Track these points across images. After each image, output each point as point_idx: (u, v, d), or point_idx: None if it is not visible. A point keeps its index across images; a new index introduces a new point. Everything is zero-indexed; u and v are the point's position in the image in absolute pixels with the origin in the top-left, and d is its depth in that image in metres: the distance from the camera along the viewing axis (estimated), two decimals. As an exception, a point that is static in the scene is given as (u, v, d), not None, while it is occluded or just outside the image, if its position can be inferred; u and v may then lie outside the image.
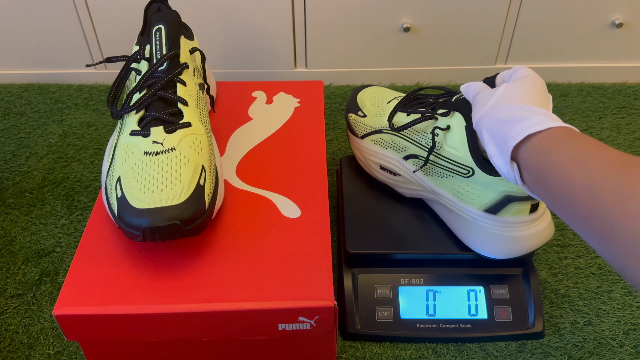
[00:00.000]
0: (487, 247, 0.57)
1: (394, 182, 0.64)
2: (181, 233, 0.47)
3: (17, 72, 0.97)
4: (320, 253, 0.51)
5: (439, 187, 0.58)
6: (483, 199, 0.55)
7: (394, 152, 0.62)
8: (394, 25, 0.90)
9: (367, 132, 0.64)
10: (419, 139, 0.58)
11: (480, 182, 0.54)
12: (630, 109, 0.90)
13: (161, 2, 0.63)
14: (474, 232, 0.57)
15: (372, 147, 0.64)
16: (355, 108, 0.67)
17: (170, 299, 0.48)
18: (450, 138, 0.55)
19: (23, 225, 0.72)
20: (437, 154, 0.57)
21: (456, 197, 0.57)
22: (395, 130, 0.61)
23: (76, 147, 0.84)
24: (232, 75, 0.96)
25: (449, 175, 0.57)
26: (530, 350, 0.58)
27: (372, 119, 0.65)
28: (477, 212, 0.56)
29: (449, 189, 0.58)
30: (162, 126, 0.52)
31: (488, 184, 0.54)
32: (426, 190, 0.61)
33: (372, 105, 0.66)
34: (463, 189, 0.56)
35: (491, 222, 0.56)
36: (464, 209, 0.57)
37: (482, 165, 0.53)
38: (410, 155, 0.60)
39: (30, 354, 0.59)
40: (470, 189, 0.56)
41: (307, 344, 0.53)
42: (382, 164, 0.64)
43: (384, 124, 0.63)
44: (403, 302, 0.59)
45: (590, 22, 0.90)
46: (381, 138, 0.63)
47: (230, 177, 0.59)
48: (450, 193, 0.58)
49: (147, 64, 0.56)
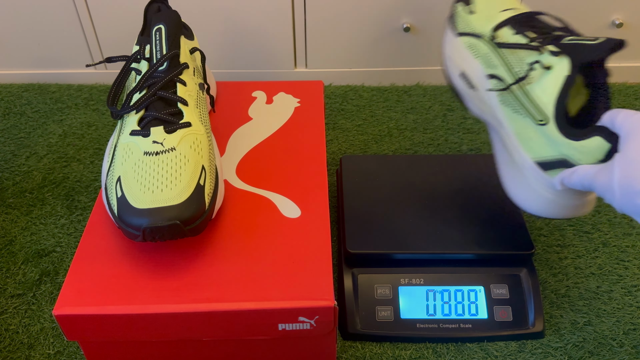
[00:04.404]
0: (521, 197, 0.55)
1: (467, 94, 0.59)
2: (181, 233, 0.47)
3: (17, 72, 0.97)
4: (320, 253, 0.51)
5: (507, 120, 0.54)
6: (542, 151, 0.51)
7: (482, 65, 0.56)
8: (394, 25, 0.90)
9: (466, 31, 0.59)
10: (514, 63, 0.54)
11: (547, 135, 0.51)
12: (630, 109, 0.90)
13: (161, 2, 0.63)
14: (516, 179, 0.55)
15: (463, 51, 0.59)
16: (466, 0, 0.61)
17: (170, 299, 0.48)
18: (545, 79, 0.50)
19: (23, 225, 0.72)
20: (522, 87, 0.52)
21: (517, 138, 0.54)
22: (495, 44, 0.55)
23: (76, 147, 0.84)
24: (232, 75, 0.96)
25: (522, 113, 0.53)
26: (530, 350, 0.58)
27: (478, 19, 0.59)
28: (529, 160, 0.53)
29: (515, 127, 0.54)
30: (162, 126, 0.52)
31: (554, 141, 0.50)
32: (493, 116, 0.57)
33: (486, 6, 0.60)
34: (528, 133, 0.52)
35: (536, 176, 0.53)
36: (518, 153, 0.54)
37: (560, 120, 0.49)
38: (495, 76, 0.55)
39: (30, 354, 0.59)
40: (534, 137, 0.52)
41: (307, 344, 0.53)
42: (464, 71, 0.59)
43: (487, 32, 0.57)
44: (403, 302, 0.59)
45: (590, 22, 0.90)
46: (477, 45, 0.57)
47: (230, 177, 0.59)
48: (514, 131, 0.54)
49: (147, 64, 0.56)
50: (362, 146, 0.84)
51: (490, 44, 0.56)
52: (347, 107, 0.91)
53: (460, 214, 0.63)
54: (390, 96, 0.94)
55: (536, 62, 0.51)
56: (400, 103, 0.92)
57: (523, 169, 0.54)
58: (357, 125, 0.88)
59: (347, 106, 0.92)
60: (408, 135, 0.86)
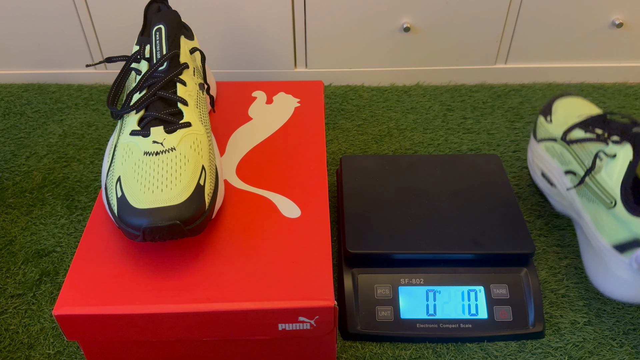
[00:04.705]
0: (603, 283, 0.57)
1: (549, 191, 0.66)
2: (181, 233, 0.47)
3: (17, 72, 0.97)
4: (320, 253, 0.51)
5: (585, 210, 0.59)
6: (616, 234, 0.55)
7: (558, 163, 0.64)
8: (394, 25, 0.90)
9: (544, 137, 0.67)
10: (583, 157, 0.60)
11: (618, 217, 0.55)
12: (630, 109, 0.90)
13: (161, 2, 0.63)
14: (597, 266, 0.58)
15: (542, 153, 0.67)
16: (547, 112, 0.70)
17: (170, 299, 0.48)
18: (611, 166, 0.56)
19: (23, 225, 0.72)
20: (592, 177, 0.58)
21: (595, 225, 0.58)
22: (566, 142, 0.62)
23: (76, 147, 0.84)
24: (232, 75, 0.96)
25: (595, 200, 0.57)
26: (530, 350, 0.58)
27: (554, 127, 0.66)
28: (607, 245, 0.56)
29: (591, 214, 0.58)
30: (162, 126, 0.52)
31: (625, 222, 0.54)
32: (574, 209, 0.62)
33: (562, 115, 0.67)
34: (602, 219, 0.56)
35: (614, 260, 0.55)
36: (597, 239, 0.57)
37: (627, 200, 0.54)
38: (570, 171, 0.61)
39: (30, 354, 0.59)
40: (608, 221, 0.56)
41: (307, 344, 0.53)
42: (544, 171, 0.66)
43: (560, 134, 0.64)
44: (403, 302, 0.59)
45: (590, 22, 0.90)
46: (553, 146, 0.65)
47: (230, 177, 0.59)
48: (591, 218, 0.58)
49: (147, 64, 0.56)
50: (362, 146, 0.84)
51: (563, 143, 0.63)
52: (347, 107, 0.92)
53: (460, 214, 0.63)
54: (390, 96, 0.94)
55: (602, 151, 0.57)
56: (400, 103, 0.92)
57: (602, 255, 0.57)
58: (357, 125, 0.88)
59: (347, 106, 0.92)
60: (408, 135, 0.86)
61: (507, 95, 0.94)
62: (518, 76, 0.96)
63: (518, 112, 0.90)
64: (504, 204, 0.64)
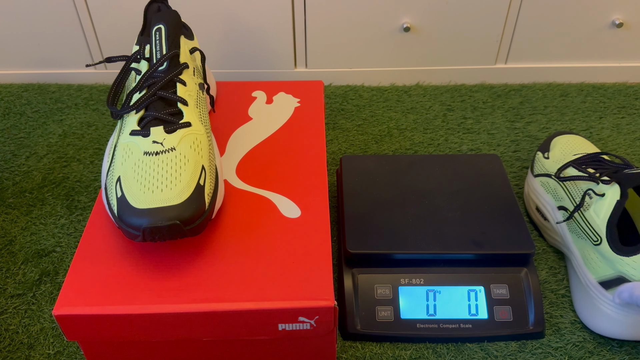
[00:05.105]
0: (589, 318, 0.59)
1: (543, 225, 0.68)
2: (181, 233, 0.47)
3: (17, 72, 0.97)
4: (320, 253, 0.51)
5: (574, 245, 0.61)
6: (602, 271, 0.57)
7: (552, 199, 0.66)
8: (394, 25, 0.90)
9: (540, 172, 0.69)
10: (574, 193, 0.62)
11: (603, 254, 0.57)
12: (630, 109, 0.90)
13: (161, 2, 0.63)
14: (585, 302, 0.59)
15: (537, 188, 0.69)
16: (545, 148, 0.72)
17: (170, 299, 0.48)
18: (599, 204, 0.58)
19: (23, 225, 0.72)
20: (581, 214, 0.60)
21: (583, 260, 0.60)
22: (560, 179, 0.64)
23: (76, 147, 0.84)
24: (232, 75, 0.96)
25: (583, 236, 0.60)
26: (530, 350, 0.58)
27: (551, 163, 0.68)
28: (593, 281, 0.58)
29: (579, 250, 0.60)
30: (162, 126, 0.52)
31: (610, 259, 0.56)
32: (564, 244, 0.64)
33: (560, 152, 0.69)
34: (590, 255, 0.59)
35: (600, 295, 0.57)
36: (584, 275, 0.59)
37: (612, 239, 0.55)
38: (563, 207, 0.63)
39: (30, 354, 0.59)
40: (595, 257, 0.58)
41: (307, 344, 0.53)
42: (538, 206, 0.68)
43: (555, 170, 0.66)
44: (403, 302, 0.59)
45: (590, 22, 0.90)
46: (548, 182, 0.67)
47: (230, 177, 0.59)
48: (580, 254, 0.60)
49: (147, 63, 0.55)
50: (362, 146, 0.84)
51: (556, 179, 0.65)
52: (347, 107, 0.92)
53: (460, 214, 0.63)
54: (390, 96, 0.94)
55: (591, 189, 0.59)
56: (400, 103, 0.92)
57: (589, 290, 0.58)
58: (357, 125, 0.88)
59: (347, 106, 0.92)
60: (408, 135, 0.86)
61: (507, 95, 0.94)
62: (518, 76, 0.96)
63: (518, 112, 0.90)
64: (504, 204, 0.64)
